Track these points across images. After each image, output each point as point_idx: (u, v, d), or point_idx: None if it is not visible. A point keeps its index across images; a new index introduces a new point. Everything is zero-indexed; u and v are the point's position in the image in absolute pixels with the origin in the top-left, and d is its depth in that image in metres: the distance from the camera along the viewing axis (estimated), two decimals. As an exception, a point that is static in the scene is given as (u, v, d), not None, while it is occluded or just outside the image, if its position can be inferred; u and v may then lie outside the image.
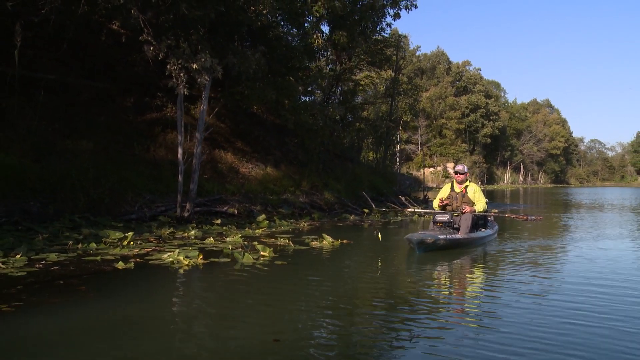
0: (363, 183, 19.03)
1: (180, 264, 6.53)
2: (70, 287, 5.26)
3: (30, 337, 3.85)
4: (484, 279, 6.52)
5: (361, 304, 5.17)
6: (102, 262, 6.62)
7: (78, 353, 3.59)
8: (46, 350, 3.62)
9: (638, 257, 8.64)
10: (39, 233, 8.36)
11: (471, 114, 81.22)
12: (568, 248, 9.58)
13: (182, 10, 10.56)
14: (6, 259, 6.37)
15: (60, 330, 4.05)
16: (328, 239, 8.97)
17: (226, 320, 4.45)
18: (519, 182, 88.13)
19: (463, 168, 9.80)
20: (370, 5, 15.40)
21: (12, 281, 5.43)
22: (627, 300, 5.21)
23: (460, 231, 8.88)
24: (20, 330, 3.97)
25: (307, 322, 4.48)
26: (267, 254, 7.29)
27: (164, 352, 3.63)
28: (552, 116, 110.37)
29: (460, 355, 3.59)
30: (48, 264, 6.38)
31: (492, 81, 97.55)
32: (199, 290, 5.70)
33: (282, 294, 5.46)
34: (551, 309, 4.85)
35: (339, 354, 3.65)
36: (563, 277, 6.57)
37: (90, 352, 3.59)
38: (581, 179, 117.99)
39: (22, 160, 11.13)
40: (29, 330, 3.99)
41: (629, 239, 11.08)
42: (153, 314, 4.60)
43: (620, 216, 18.39)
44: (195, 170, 11.85)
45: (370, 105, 24.79)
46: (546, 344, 3.82)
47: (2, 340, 3.78)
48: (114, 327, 4.17)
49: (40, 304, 4.69)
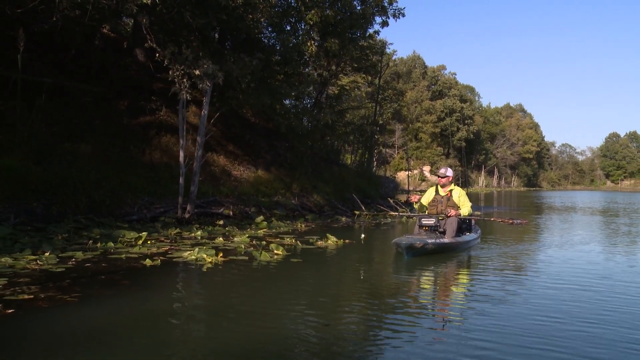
0: (350, 186, 19.56)
1: (203, 261, 6.96)
2: (114, 282, 5.70)
3: (99, 322, 4.33)
4: (489, 279, 7.02)
5: (384, 296, 5.68)
6: (128, 260, 7.02)
7: (140, 337, 4.04)
8: (113, 333, 4.05)
9: (614, 259, 8.77)
10: (57, 233, 8.66)
11: (446, 118, 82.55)
12: (548, 251, 9.56)
13: (186, 19, 10.94)
14: (36, 257, 6.72)
15: (120, 317, 4.52)
16: (332, 238, 9.50)
17: (261, 312, 4.89)
18: (493, 186, 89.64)
19: (447, 171, 9.57)
20: (361, 14, 15.97)
21: (58, 276, 5.83)
22: (607, 304, 5.30)
23: (447, 235, 8.75)
24: (88, 316, 4.46)
25: (338, 311, 4.96)
26: (280, 253, 7.77)
27: (212, 337, 4.10)
28: (525, 120, 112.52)
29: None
30: (79, 261, 6.76)
31: (467, 85, 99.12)
32: (227, 284, 6.13)
33: (307, 287, 6.04)
34: (532, 313, 4.92)
35: (374, 336, 4.14)
36: (545, 280, 6.60)
37: (149, 336, 4.07)
38: (553, 183, 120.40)
39: (24, 162, 11.34)
40: (95, 316, 4.48)
41: (601, 242, 11.64)
42: (192, 305, 5.09)
43: (591, 218, 19.56)
44: (196, 173, 12.22)
45: (355, 109, 25.35)
46: (532, 348, 3.89)
47: (77, 325, 4.24)
48: (161, 315, 4.62)
49: (95, 295, 5.16)
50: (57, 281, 5.50)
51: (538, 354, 3.75)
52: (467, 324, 4.54)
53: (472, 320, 4.67)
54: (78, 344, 3.77)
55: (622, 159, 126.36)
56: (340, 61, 17.43)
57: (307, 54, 15.28)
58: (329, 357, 3.68)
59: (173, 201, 12.96)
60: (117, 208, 12.08)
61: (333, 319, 4.65)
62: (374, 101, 23.31)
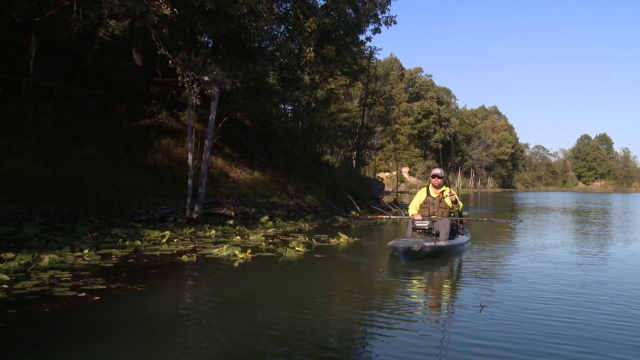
0: (341, 187, 20.18)
1: (235, 257, 7.50)
2: (166, 275, 6.28)
3: (172, 308, 4.88)
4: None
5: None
6: (164, 257, 7.54)
7: (211, 321, 4.60)
8: (187, 317, 4.61)
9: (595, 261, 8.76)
10: (86, 232, 9.09)
11: (424, 120, 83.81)
12: (536, 251, 9.54)
13: (197, 27, 11.43)
14: (78, 254, 7.18)
15: (189, 304, 5.11)
16: (344, 237, 10.15)
17: (305, 300, 5.47)
18: (469, 187, 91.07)
19: (441, 172, 9.27)
20: (355, 22, 16.65)
21: (112, 270, 6.34)
22: (592, 306, 5.34)
23: (441, 237, 8.52)
24: (161, 303, 5.04)
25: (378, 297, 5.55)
26: (301, 250, 8.35)
27: (274, 320, 4.65)
28: (499, 122, 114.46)
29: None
30: (119, 257, 7.25)
31: (443, 88, 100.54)
32: (267, 277, 6.67)
33: (338, 278, 6.65)
34: (529, 312, 5.02)
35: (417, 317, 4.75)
36: (536, 281, 6.59)
37: (215, 320, 4.63)
38: (527, 184, 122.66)
39: (34, 165, 11.69)
40: (167, 303, 5.05)
41: (577, 242, 12.24)
42: (246, 294, 5.64)
43: (564, 217, 20.68)
44: (203, 175, 12.69)
45: (345, 112, 26.01)
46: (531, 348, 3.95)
47: (155, 309, 4.81)
48: (221, 303, 5.18)
49: (159, 286, 5.73)
50: (115, 274, 6.02)
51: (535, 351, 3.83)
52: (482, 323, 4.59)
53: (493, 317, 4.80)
54: (162, 326, 4.33)
55: (593, 160, 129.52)
56: (336, 67, 18.04)
57: (304, 61, 15.85)
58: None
59: (177, 202, 13.42)
60: (125, 209, 12.48)
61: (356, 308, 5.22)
62: (362, 105, 23.97)
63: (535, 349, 3.90)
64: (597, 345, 4.04)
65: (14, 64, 13.54)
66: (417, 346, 3.96)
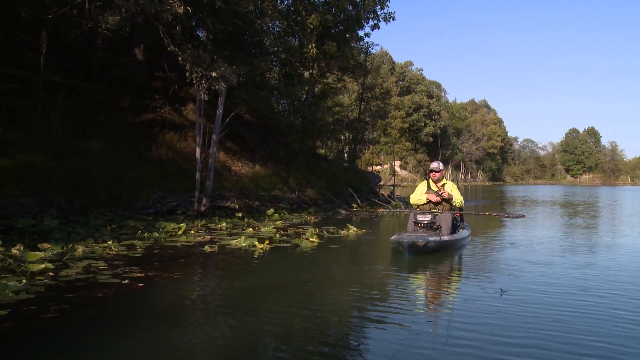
0: (340, 181, 20.52)
1: (255, 248, 7.82)
2: (196, 264, 6.63)
3: (211, 294, 5.22)
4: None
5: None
6: (186, 247, 7.85)
7: (246, 304, 4.87)
8: (227, 302, 4.92)
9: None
10: (106, 224, 9.37)
11: (414, 114, 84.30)
12: (534, 246, 9.33)
13: (207, 24, 11.69)
14: (103, 245, 7.46)
15: (225, 291, 5.40)
16: (353, 228, 10.52)
17: (333, 286, 5.80)
18: (459, 180, 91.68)
19: (439, 165, 9.21)
20: (355, 19, 16.97)
21: (142, 259, 6.65)
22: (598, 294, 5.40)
23: (443, 231, 8.39)
24: (201, 289, 5.35)
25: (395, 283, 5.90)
26: (315, 241, 8.69)
27: (311, 302, 4.97)
28: (489, 116, 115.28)
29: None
30: (144, 248, 7.55)
31: (434, 81, 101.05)
32: (290, 266, 6.95)
33: (358, 266, 7.02)
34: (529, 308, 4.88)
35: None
36: (537, 276, 6.47)
37: (249, 304, 4.89)
38: (516, 177, 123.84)
39: (45, 159, 11.91)
40: (206, 290, 5.39)
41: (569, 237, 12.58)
42: (277, 281, 5.91)
43: (552, 210, 21.22)
44: (211, 168, 12.97)
45: (339, 107, 26.33)
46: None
47: (197, 295, 5.13)
48: (254, 289, 5.46)
49: (194, 274, 6.12)
50: (147, 264, 6.33)
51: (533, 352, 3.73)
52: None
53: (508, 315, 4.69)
54: (203, 310, 4.64)
55: (581, 154, 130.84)
56: (336, 63, 18.35)
57: (307, 56, 16.15)
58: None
59: (184, 195, 13.68)
60: (134, 202, 12.73)
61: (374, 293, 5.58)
62: (359, 99, 24.31)
63: (542, 344, 3.84)
64: (607, 337, 4.00)
65: (22, 60, 13.71)
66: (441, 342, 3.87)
